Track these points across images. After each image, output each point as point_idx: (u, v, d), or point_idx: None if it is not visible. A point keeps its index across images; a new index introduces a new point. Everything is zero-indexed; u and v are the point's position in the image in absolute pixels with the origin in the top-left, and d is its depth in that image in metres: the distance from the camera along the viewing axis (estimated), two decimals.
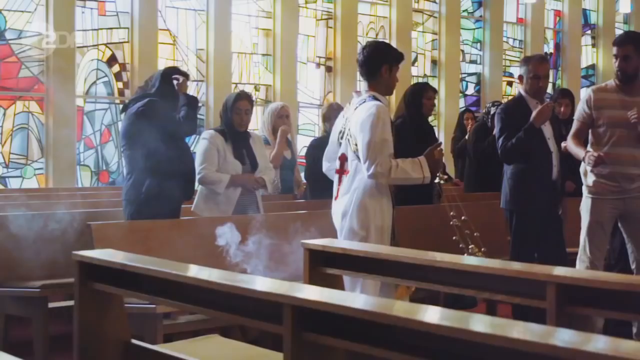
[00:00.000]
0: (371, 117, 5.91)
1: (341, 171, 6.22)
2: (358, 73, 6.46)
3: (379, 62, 6.14)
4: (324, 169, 6.55)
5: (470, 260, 4.66)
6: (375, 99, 6.07)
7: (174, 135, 7.07)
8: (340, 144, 6.25)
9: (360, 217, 6.02)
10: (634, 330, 6.90)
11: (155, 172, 6.92)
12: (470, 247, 6.39)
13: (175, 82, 7.20)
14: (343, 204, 6.11)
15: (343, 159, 6.21)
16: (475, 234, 6.48)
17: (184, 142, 7.36)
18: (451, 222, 6.45)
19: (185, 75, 7.39)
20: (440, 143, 6.35)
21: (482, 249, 6.41)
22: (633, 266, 6.88)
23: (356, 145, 6.00)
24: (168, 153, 6.93)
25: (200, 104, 7.21)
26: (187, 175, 7.23)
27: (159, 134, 6.88)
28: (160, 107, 7.03)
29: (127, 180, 7.16)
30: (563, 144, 7.38)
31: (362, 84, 6.40)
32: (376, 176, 5.91)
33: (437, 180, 6.30)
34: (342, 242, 5.26)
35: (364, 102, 6.07)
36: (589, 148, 6.86)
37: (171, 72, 7.34)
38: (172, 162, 6.95)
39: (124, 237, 6.50)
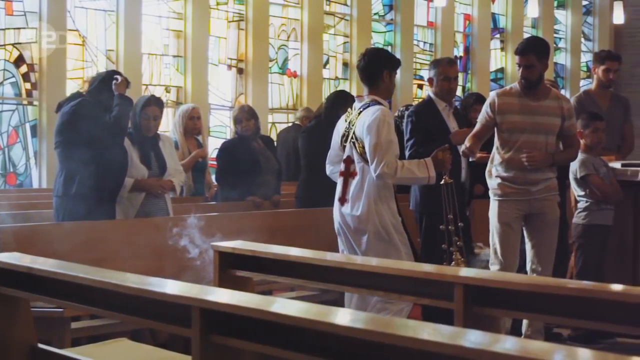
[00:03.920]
0: (377, 120, 6.11)
1: (347, 174, 6.37)
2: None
3: (381, 68, 6.33)
4: (328, 172, 6.71)
5: (378, 262, 4.68)
6: (378, 103, 6.26)
7: (103, 133, 7.08)
8: (343, 147, 6.40)
9: (380, 220, 6.21)
10: (523, 329, 6.92)
11: (86, 170, 6.96)
12: (453, 256, 6.39)
13: (114, 81, 7.25)
14: (358, 210, 6.24)
15: (349, 161, 6.37)
16: (458, 243, 6.48)
17: (116, 140, 7.27)
18: (441, 227, 6.48)
19: (126, 80, 7.44)
20: (447, 145, 6.45)
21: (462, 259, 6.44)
22: (527, 267, 6.93)
23: (363, 147, 6.16)
24: (98, 150, 7.00)
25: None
26: (118, 172, 7.23)
27: (89, 132, 6.98)
28: (91, 106, 7.16)
29: (58, 177, 7.22)
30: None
31: (364, 89, 6.43)
32: (383, 176, 6.09)
33: (442, 182, 6.39)
34: (251, 245, 5.24)
35: (368, 106, 6.26)
36: (494, 152, 6.93)
37: (112, 74, 7.45)
38: (102, 159, 7.01)
39: (33, 240, 6.42)
